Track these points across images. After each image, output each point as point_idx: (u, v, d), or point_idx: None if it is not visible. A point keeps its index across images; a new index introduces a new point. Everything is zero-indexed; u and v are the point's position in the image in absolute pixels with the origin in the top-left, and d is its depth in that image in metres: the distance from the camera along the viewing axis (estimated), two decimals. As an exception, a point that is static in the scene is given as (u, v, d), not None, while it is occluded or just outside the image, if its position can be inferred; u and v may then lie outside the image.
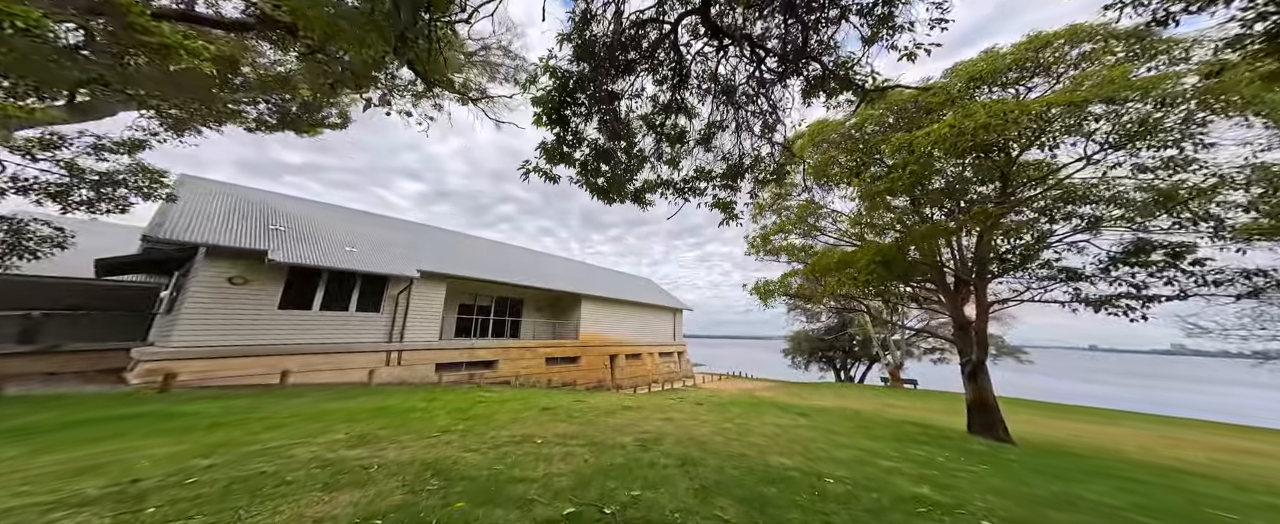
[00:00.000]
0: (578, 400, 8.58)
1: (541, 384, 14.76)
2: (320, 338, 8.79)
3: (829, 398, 16.28)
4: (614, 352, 20.13)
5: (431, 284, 11.95)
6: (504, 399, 7.93)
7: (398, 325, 10.62)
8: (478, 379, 12.52)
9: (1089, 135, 6.64)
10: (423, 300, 11.59)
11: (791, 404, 11.84)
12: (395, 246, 12.60)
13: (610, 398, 9.81)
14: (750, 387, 21.50)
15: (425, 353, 11.16)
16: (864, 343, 28.05)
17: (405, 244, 13.51)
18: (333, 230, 11.26)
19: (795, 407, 11.31)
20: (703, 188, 5.56)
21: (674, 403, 10.16)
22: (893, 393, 20.09)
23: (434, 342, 11.58)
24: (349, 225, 12.84)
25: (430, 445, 4.07)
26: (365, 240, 11.84)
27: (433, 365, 11.28)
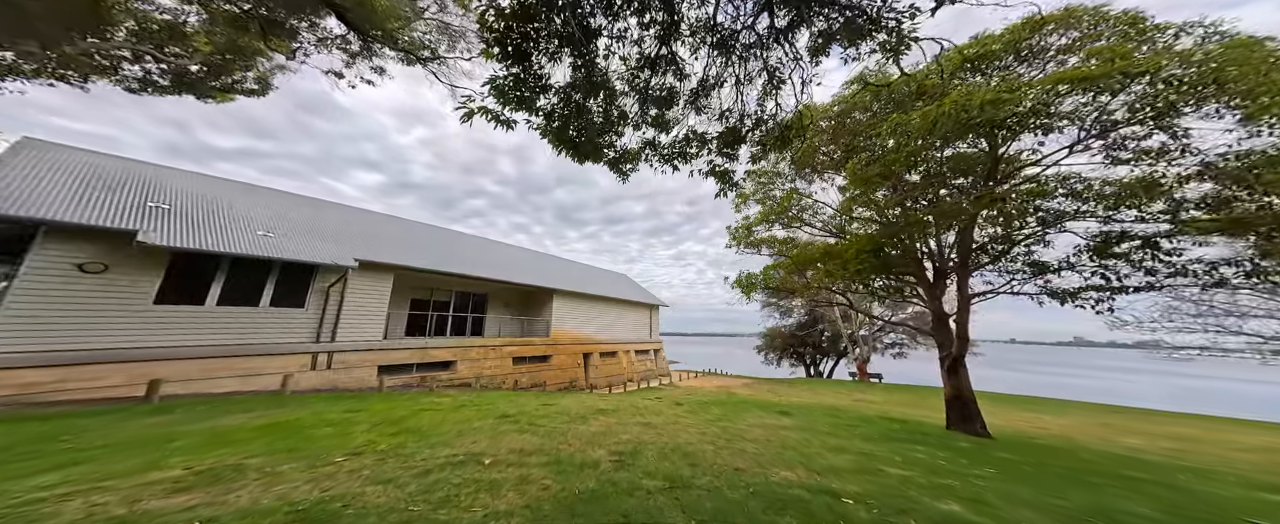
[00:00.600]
0: (545, 404, 7.51)
1: (507, 386, 13.47)
2: (218, 339, 7.12)
3: (804, 394, 16.15)
4: (588, 350, 19.03)
5: (375, 276, 10.36)
6: (457, 406, 6.73)
7: (328, 323, 9.02)
8: (431, 383, 11.06)
9: (1084, 119, 6.37)
10: (363, 294, 10.00)
11: (771, 402, 11.39)
12: (329, 233, 10.86)
13: (583, 400, 8.80)
14: (726, 383, 21.16)
15: (364, 354, 9.60)
16: (833, 339, 28.74)
17: (343, 231, 11.74)
18: (244, 212, 9.42)
19: (775, 404, 10.85)
20: (695, 153, 4.65)
21: (652, 404, 9.33)
22: (862, 387, 20.46)
23: (376, 341, 10.03)
24: (270, 207, 10.94)
25: (323, 478, 2.94)
26: (289, 225, 10.06)
27: (374, 368, 9.75)
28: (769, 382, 22.47)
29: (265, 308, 8.05)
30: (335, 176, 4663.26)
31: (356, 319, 9.67)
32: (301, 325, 8.60)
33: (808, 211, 10.50)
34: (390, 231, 14.67)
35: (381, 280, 10.54)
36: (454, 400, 7.46)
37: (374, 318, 10.16)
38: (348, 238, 11.24)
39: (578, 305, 19.35)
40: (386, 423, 5.05)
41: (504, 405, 7.10)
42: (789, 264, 9.92)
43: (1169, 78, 5.46)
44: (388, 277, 10.72)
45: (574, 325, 18.85)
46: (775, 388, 18.80)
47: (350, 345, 9.36)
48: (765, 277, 10.14)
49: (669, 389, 17.40)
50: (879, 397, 16.07)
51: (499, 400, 7.91)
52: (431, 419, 5.43)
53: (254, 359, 7.51)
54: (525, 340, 15.77)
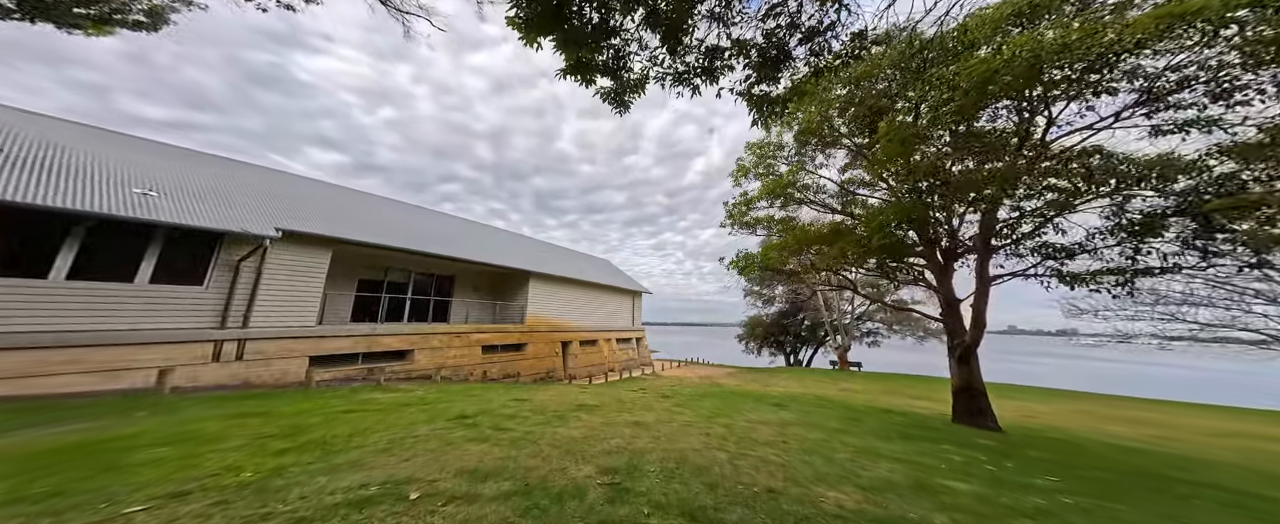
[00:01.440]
0: (516, 399, 6.25)
1: (476, 378, 12.02)
2: (65, 323, 5.31)
3: (791, 383, 15.65)
4: (567, 338, 17.73)
5: (308, 250, 8.57)
6: (401, 404, 5.36)
7: (238, 305, 7.26)
8: (380, 376, 9.48)
9: (1149, 78, 5.57)
10: (290, 271, 8.22)
11: (762, 393, 10.67)
12: (245, 197, 8.89)
13: (562, 393, 7.60)
14: (710, 373, 20.54)
15: (288, 343, 7.90)
16: (813, 328, 28.72)
17: (267, 196, 9.75)
18: (121, 167, 7.37)
19: (768, 396, 10.13)
20: (724, 64, 3.38)
21: (638, 397, 8.27)
22: (844, 376, 20.44)
23: (306, 327, 8.32)
24: (164, 164, 8.81)
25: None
26: (188, 185, 8.06)
27: (303, 360, 8.08)
28: (752, 371, 22.08)
29: (143, 286, 6.21)
30: (286, 154, 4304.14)
31: (280, 301, 7.92)
32: (199, 308, 6.81)
33: (810, 189, 9.55)
34: (329, 200, 12.63)
35: (315, 255, 8.76)
36: (399, 397, 6.04)
37: (304, 300, 8.42)
38: (272, 204, 9.30)
39: (556, 290, 17.93)
40: (281, 434, 3.65)
41: (463, 403, 5.78)
42: (791, 243, 8.96)
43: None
44: (324, 251, 8.94)
45: (552, 312, 17.46)
46: (759, 377, 18.29)
47: (268, 331, 7.64)
48: (765, 256, 9.17)
49: (652, 379, 16.47)
50: (860, 385, 15.98)
51: (459, 396, 6.56)
52: (354, 425, 4.07)
53: (119, 350, 5.73)
54: (498, 327, 14.27)
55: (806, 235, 8.80)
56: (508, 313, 16.38)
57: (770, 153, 9.75)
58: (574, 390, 8.80)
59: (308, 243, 8.58)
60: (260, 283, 7.63)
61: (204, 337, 6.75)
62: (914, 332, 26.62)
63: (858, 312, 27.48)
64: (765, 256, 9.37)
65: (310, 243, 8.63)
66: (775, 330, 29.74)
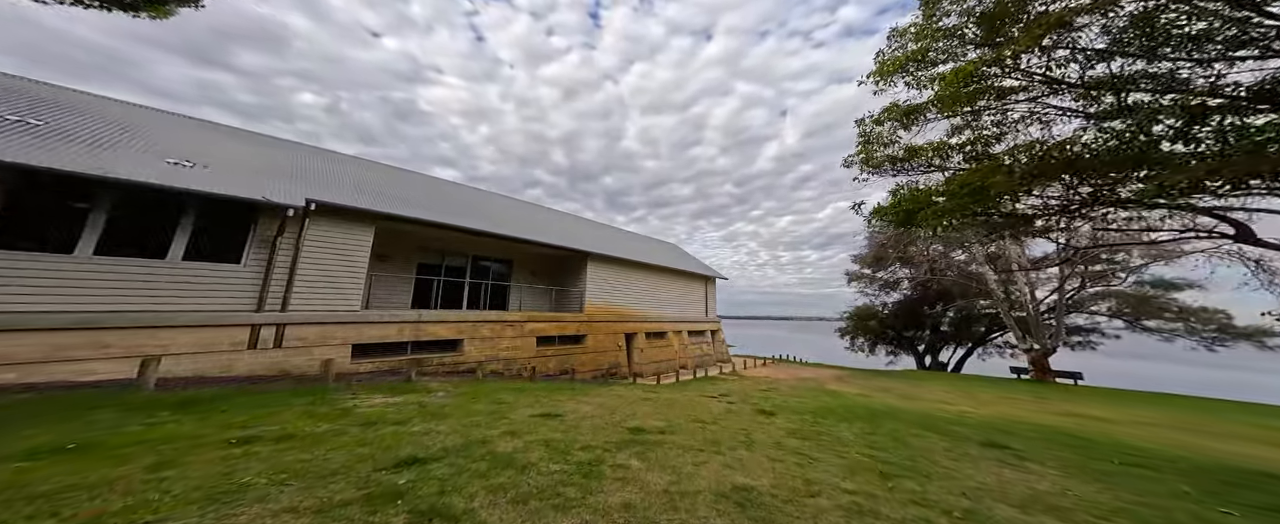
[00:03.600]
0: (544, 416, 4.56)
1: (526, 374, 11.01)
2: (91, 305, 5.11)
3: (954, 396, 11.59)
4: (631, 329, 16.21)
5: (346, 226, 8.09)
6: (365, 422, 3.99)
7: (277, 286, 6.88)
8: (427, 369, 8.83)
9: None
10: (330, 249, 7.77)
11: (930, 415, 7.46)
12: (283, 171, 8.74)
13: (615, 403, 5.80)
14: (810, 374, 17.17)
15: (327, 329, 7.43)
16: (966, 321, 21.92)
17: (304, 171, 9.64)
18: (158, 139, 7.42)
19: (938, 417, 6.98)
20: None
21: (724, 411, 6.08)
22: (1054, 392, 13.75)
23: (350, 312, 7.83)
24: (201, 138, 9.05)
25: None
26: (224, 158, 7.98)
27: (345, 348, 7.61)
28: (870, 375, 17.94)
29: (175, 262, 5.98)
30: (421, 172, 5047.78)
31: (320, 283, 7.50)
32: (236, 288, 6.51)
33: (1014, 96, 5.98)
34: (377, 178, 12.59)
35: (356, 232, 8.26)
36: (399, 406, 4.77)
37: (346, 282, 7.96)
38: (308, 178, 9.08)
39: (618, 275, 16.43)
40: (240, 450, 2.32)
41: (482, 417, 4.27)
42: (1002, 181, 5.55)
43: None
44: (366, 228, 8.43)
45: (614, 299, 16.04)
46: (890, 384, 14.33)
47: (308, 315, 7.20)
48: (954, 195, 5.71)
49: (734, 381, 14.03)
50: (1108, 410, 10.00)
51: (484, 403, 5.14)
52: (331, 450, 2.65)
53: (147, 333, 5.45)
54: (554, 316, 13.24)
55: (1046, 164, 5.34)
56: (566, 301, 15.40)
57: (936, 40, 6.21)
58: (634, 396, 7.00)
59: (347, 218, 8.08)
60: (299, 261, 7.22)
61: (243, 320, 6.41)
62: (1171, 325, 16.84)
63: (1071, 296, 18.05)
64: (954, 196, 5.83)
65: (350, 219, 8.13)
66: (898, 323, 23.94)
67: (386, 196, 10.74)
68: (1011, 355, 20.87)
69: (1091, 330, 19.29)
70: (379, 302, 10.45)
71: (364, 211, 8.24)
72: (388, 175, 13.74)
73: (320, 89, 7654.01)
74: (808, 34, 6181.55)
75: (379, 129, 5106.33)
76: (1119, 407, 11.05)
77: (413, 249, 11.90)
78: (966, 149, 6.47)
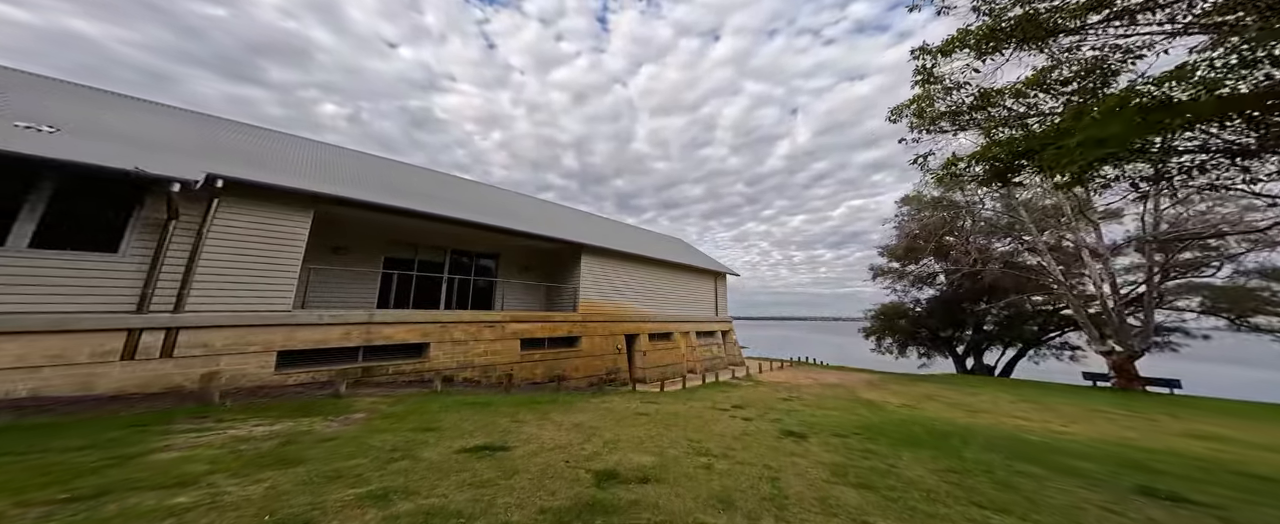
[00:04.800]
0: (535, 421, 2.98)
1: (504, 386, 9.53)
2: None
3: (1028, 409, 9.66)
4: (632, 329, 14.63)
5: (272, 210, 6.71)
6: (251, 464, 2.49)
7: (168, 281, 5.51)
8: (380, 378, 7.43)
9: None
10: (248, 236, 6.39)
11: (1007, 431, 5.71)
12: (184, 145, 7.43)
13: (611, 415, 4.28)
14: (835, 378, 15.29)
15: (244, 333, 6.04)
16: (1013, 319, 19.44)
17: (221, 146, 8.33)
18: (17, 100, 6.13)
19: (1029, 440, 5.24)
20: None
21: (737, 429, 4.51)
22: (1154, 404, 11.09)
23: (278, 312, 6.44)
24: (87, 104, 7.78)
25: None
26: (110, 127, 6.67)
27: (268, 356, 6.20)
28: (903, 379, 15.93)
29: (20, 251, 4.64)
30: None
31: (233, 277, 6.13)
32: (110, 283, 5.15)
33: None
34: (335, 162, 11.28)
35: (287, 218, 6.88)
36: (249, 445, 3.28)
37: (272, 277, 6.57)
38: (230, 155, 7.76)
39: (617, 269, 14.88)
40: None
41: (369, 460, 2.77)
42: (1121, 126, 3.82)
43: None
44: (298, 213, 7.05)
45: (612, 297, 14.50)
46: (933, 390, 12.36)
47: (215, 317, 5.81)
48: (1107, 120, 3.88)
49: (749, 386, 12.31)
50: (1253, 433, 7.68)
51: (404, 430, 3.62)
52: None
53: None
54: (543, 316, 11.75)
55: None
56: (559, 299, 13.92)
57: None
58: (627, 410, 5.43)
59: (273, 201, 6.71)
60: (202, 251, 5.85)
61: (113, 324, 5.03)
62: None
63: (1163, 289, 15.03)
64: (1108, 122, 3.99)
65: (277, 201, 6.75)
66: (934, 322, 21.55)
67: (336, 178, 9.41)
68: (1072, 358, 18.53)
69: (1173, 329, 16.61)
70: (327, 300, 9.11)
71: (294, 192, 6.86)
72: (354, 161, 12.46)
73: (342, 100, 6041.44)
74: (817, 31, 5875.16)
75: (398, 138, 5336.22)
76: (1249, 424, 8.88)
77: (379, 241, 10.56)
78: (1075, 83, 4.71)
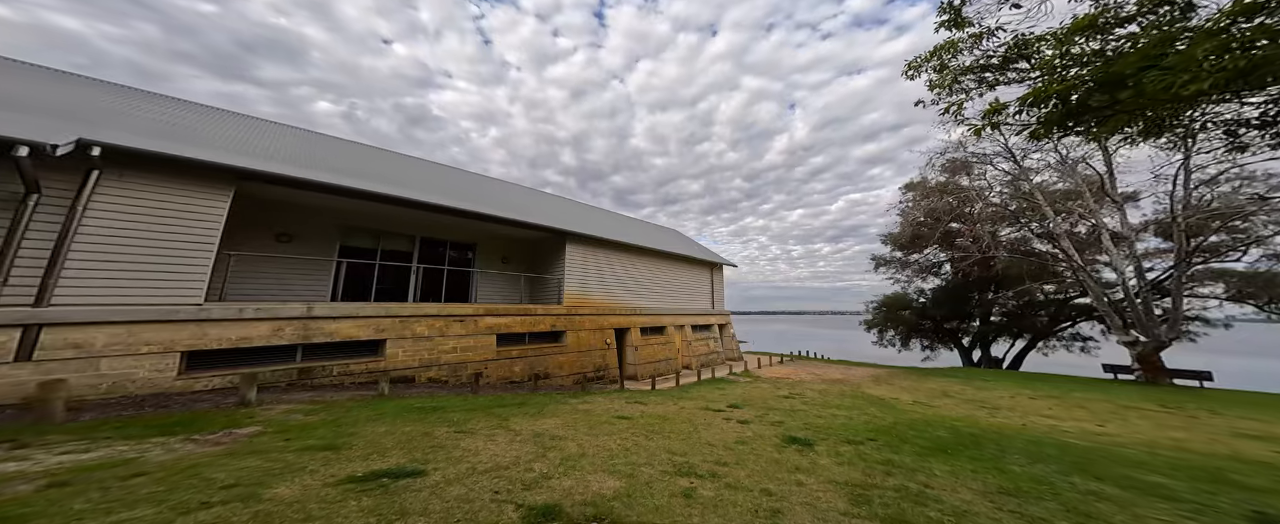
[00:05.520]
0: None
1: (471, 386, 8.58)
2: None
3: (1054, 406, 8.80)
4: (623, 323, 13.66)
5: (176, 186, 5.61)
6: None
7: (27, 269, 4.45)
8: (321, 381, 6.44)
9: None
10: (143, 216, 5.30)
11: (1045, 433, 4.78)
12: (51, 107, 6.32)
13: (583, 422, 3.33)
14: (839, 374, 14.40)
15: (136, 330, 5.00)
16: (1022, 308, 18.58)
17: (105, 113, 7.21)
18: None
19: (1074, 444, 4.30)
20: None
21: (734, 442, 3.50)
22: (1187, 398, 10.11)
23: (186, 306, 5.39)
24: None
25: None
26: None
27: (171, 357, 5.17)
28: (914, 373, 15.04)
29: None
30: None
31: (122, 264, 5.06)
32: (-58, 269, 4.07)
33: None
34: (280, 139, 10.16)
35: (196, 195, 5.79)
36: (25, 482, 2.23)
37: (178, 265, 5.51)
38: (119, 121, 6.65)
39: (606, 259, 13.85)
40: None
41: (160, 519, 1.73)
42: None
43: None
44: (213, 191, 5.96)
45: (601, 289, 13.49)
46: (952, 386, 11.45)
47: (94, 312, 4.76)
48: None
49: (747, 383, 11.39)
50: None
51: (279, 454, 2.59)
52: None
53: None
54: (522, 308, 10.74)
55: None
56: (543, 291, 12.91)
57: None
58: (605, 414, 4.45)
59: (176, 176, 5.62)
60: (76, 233, 4.77)
61: (-55, 320, 3.97)
62: None
63: (1167, 275, 13.85)
64: (1196, 51, 2.93)
65: (181, 176, 5.66)
66: (939, 313, 20.56)
67: (267, 153, 8.29)
68: (1082, 350, 17.68)
69: (1192, 318, 15.79)
70: (264, 293, 8.04)
71: (204, 166, 5.75)
72: (299, 139, 11.30)
73: (336, 97, 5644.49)
74: (815, 25, 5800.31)
75: (395, 135, 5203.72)
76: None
77: (333, 227, 9.46)
78: (1140, 19, 3.64)
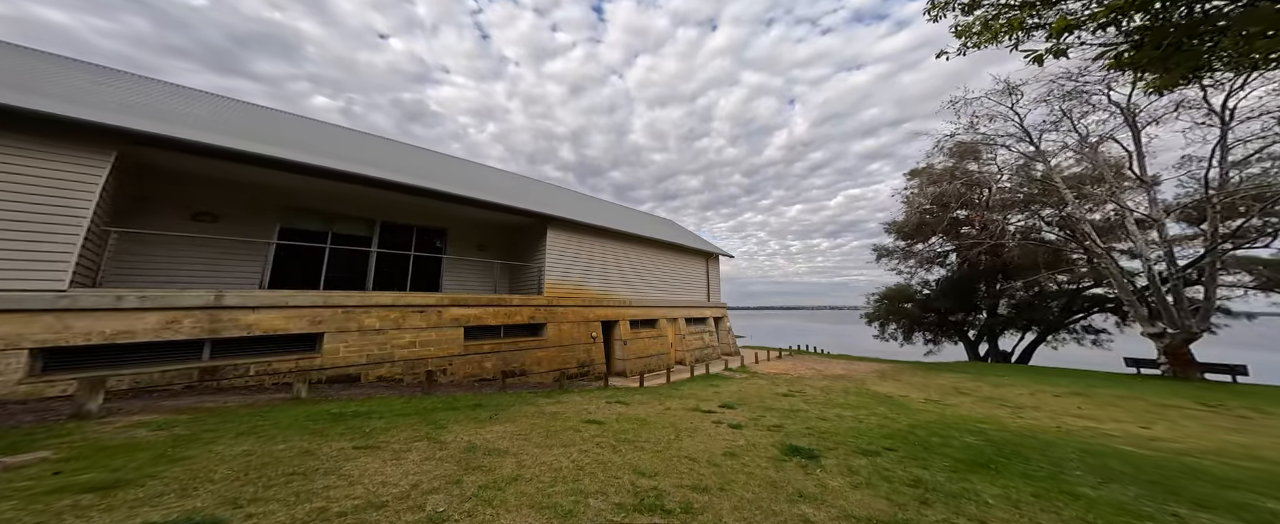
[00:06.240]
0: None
1: (423, 386, 7.57)
2: None
3: (1083, 404, 7.87)
4: (609, 316, 12.63)
5: (34, 149, 4.49)
6: None
7: None
8: (231, 383, 5.39)
9: None
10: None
11: (1093, 441, 3.82)
12: None
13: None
14: (841, 369, 13.46)
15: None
16: (1033, 299, 17.63)
17: None
18: None
19: (1139, 456, 3.31)
20: None
21: (720, 456, 2.47)
22: (1226, 395, 9.21)
23: (34, 292, 4.29)
24: None
25: None
26: None
27: (16, 357, 4.08)
28: (919, 368, 14.13)
29: None
30: None
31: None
32: None
33: None
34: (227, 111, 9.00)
35: (63, 162, 4.68)
36: None
37: (30, 244, 4.39)
38: None
39: (593, 247, 12.79)
40: None
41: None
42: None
43: None
44: (88, 158, 4.84)
45: (586, 279, 12.46)
46: (963, 382, 10.54)
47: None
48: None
49: (743, 379, 10.41)
50: None
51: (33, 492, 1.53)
52: None
53: None
54: (496, 299, 9.68)
55: None
56: (524, 280, 11.86)
57: None
58: (575, 417, 3.43)
59: (40, 137, 4.47)
60: None
61: None
62: None
63: (1189, 264, 12.43)
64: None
65: (41, 139, 4.51)
66: (944, 305, 19.59)
67: (192, 121, 7.13)
68: (1094, 343, 16.83)
69: (1216, 309, 14.82)
70: (174, 279, 6.93)
71: (65, 122, 4.60)
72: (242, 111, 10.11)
73: (333, 92, 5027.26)
74: (815, 20, 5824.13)
75: (392, 131, 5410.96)
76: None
77: (272, 208, 8.31)
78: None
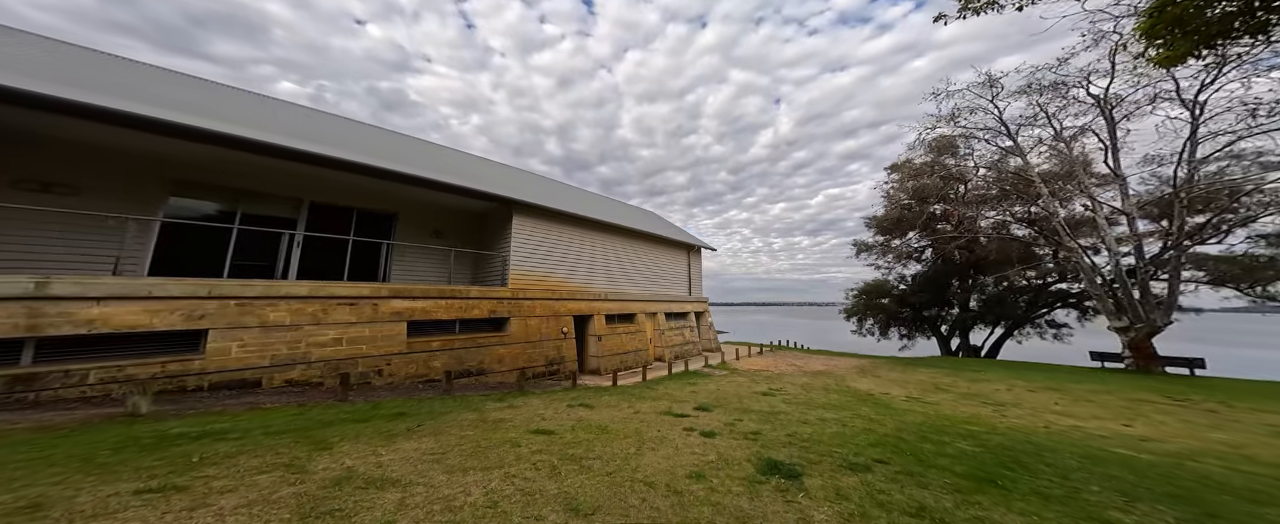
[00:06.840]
0: None
1: (337, 392, 6.32)
2: None
3: (1060, 399, 7.51)
4: (582, 309, 11.59)
5: None
6: None
7: None
8: (52, 393, 4.03)
9: None
10: None
11: (1089, 443, 3.24)
12: None
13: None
14: (821, 365, 12.96)
15: None
16: (1002, 295, 17.85)
17: None
18: None
19: (1134, 459, 2.65)
20: None
21: (686, 477, 1.62)
22: (1188, 387, 9.23)
23: None
24: None
25: None
26: None
27: None
28: (898, 364, 13.83)
29: None
30: None
31: None
32: None
33: None
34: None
35: None
36: None
37: None
38: None
39: (564, 236, 11.69)
40: None
41: None
42: None
43: None
44: None
45: (557, 270, 11.36)
46: (942, 378, 10.17)
47: None
48: None
49: (723, 376, 9.64)
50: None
51: None
52: None
53: None
54: (447, 290, 8.47)
55: None
56: (488, 271, 10.65)
57: None
58: (521, 425, 2.52)
59: None
60: None
61: None
62: None
63: (1151, 258, 12.93)
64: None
65: None
66: (919, 300, 19.62)
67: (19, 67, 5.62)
68: (1056, 337, 17.19)
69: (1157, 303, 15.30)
70: (14, 264, 5.40)
71: None
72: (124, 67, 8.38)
73: (301, 78, 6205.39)
74: (802, 21, 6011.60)
75: (366, 119, 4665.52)
76: None
77: (154, 180, 6.77)
78: None
